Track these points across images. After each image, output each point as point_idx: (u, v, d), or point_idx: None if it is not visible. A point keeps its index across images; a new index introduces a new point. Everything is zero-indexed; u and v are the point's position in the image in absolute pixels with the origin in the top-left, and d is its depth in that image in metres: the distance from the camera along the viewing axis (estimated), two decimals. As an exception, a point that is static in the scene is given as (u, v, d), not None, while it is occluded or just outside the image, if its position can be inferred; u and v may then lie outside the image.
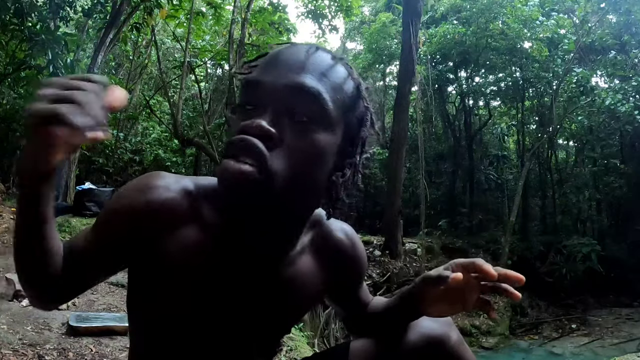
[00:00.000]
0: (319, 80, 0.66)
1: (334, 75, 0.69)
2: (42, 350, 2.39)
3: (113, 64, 12.69)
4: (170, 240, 0.70)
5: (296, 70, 0.66)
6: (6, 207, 6.56)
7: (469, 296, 0.77)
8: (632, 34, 10.58)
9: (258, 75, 0.68)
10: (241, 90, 0.71)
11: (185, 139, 10.88)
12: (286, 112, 0.64)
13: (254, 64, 0.73)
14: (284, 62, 0.67)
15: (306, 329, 4.62)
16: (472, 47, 12.14)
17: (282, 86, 0.65)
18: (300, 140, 0.64)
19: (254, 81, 0.67)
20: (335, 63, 0.70)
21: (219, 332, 0.75)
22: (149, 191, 0.71)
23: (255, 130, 0.62)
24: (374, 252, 9.11)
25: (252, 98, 0.67)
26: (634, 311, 9.65)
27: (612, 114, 10.57)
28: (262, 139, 0.62)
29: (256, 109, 0.65)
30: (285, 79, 0.65)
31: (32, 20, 6.84)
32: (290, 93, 0.65)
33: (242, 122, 0.64)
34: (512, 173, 14.31)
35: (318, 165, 0.68)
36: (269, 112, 0.64)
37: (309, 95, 0.65)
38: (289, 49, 0.70)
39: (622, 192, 11.88)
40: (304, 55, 0.68)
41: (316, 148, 0.66)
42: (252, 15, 10.70)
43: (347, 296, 0.93)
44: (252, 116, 0.64)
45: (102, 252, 0.72)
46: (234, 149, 0.63)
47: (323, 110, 0.66)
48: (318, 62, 0.68)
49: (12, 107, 8.90)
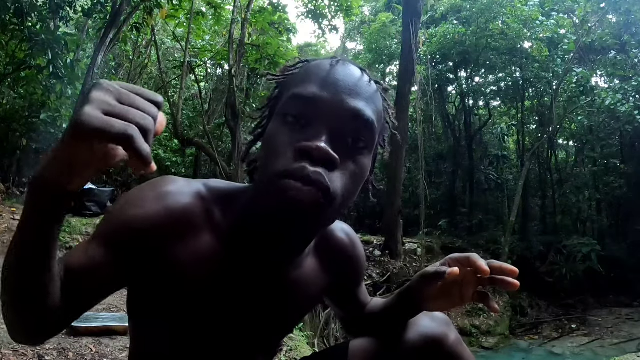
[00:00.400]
0: (373, 109, 0.68)
1: (378, 103, 0.71)
2: (42, 350, 2.39)
3: (113, 64, 12.69)
4: (182, 247, 0.68)
5: (355, 95, 0.66)
6: (6, 207, 6.56)
7: (466, 290, 0.79)
8: (632, 34, 10.58)
9: (315, 90, 0.66)
10: (285, 97, 0.69)
11: (185, 139, 10.88)
12: (343, 135, 0.65)
13: (293, 71, 0.74)
14: (342, 83, 0.67)
15: (306, 329, 4.62)
16: (472, 47, 12.14)
17: (344, 109, 0.65)
18: (354, 165, 0.66)
19: (310, 96, 0.66)
20: (377, 90, 0.72)
21: (224, 334, 0.75)
22: (165, 199, 0.68)
23: (321, 155, 0.62)
24: (374, 252, 9.11)
25: (306, 113, 0.65)
26: (634, 311, 9.65)
27: (612, 114, 10.57)
28: (325, 163, 0.62)
29: (310, 125, 0.65)
30: (347, 102, 0.65)
31: (32, 20, 6.84)
32: (350, 118, 0.65)
33: (304, 143, 0.62)
34: (512, 173, 14.31)
35: (361, 184, 0.71)
36: (325, 132, 0.64)
37: (367, 123, 0.67)
38: (342, 67, 0.69)
39: (622, 192, 11.87)
40: (358, 79, 0.68)
41: (364, 171, 0.69)
42: (252, 15, 10.70)
43: (346, 296, 0.94)
44: (306, 133, 0.64)
45: (110, 267, 0.65)
46: (297, 172, 0.61)
47: (373, 138, 0.69)
48: (368, 88, 0.69)
49: (12, 107, 8.90)
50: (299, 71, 0.72)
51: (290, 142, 0.64)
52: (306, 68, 0.72)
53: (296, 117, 0.66)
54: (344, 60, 0.71)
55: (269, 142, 0.67)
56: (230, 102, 9.75)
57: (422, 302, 0.84)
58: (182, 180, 0.72)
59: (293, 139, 0.64)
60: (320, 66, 0.70)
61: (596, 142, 12.70)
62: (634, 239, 10.87)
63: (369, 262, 8.62)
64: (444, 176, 14.94)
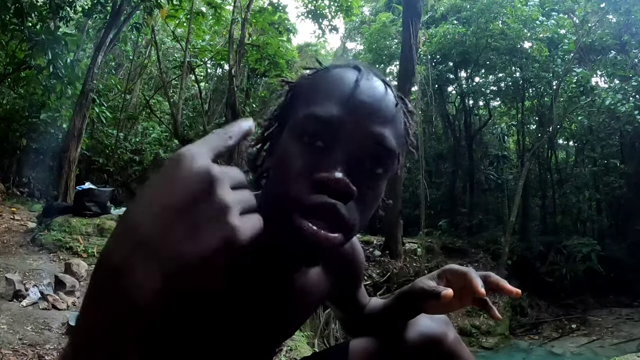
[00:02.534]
0: (395, 133, 0.64)
1: (400, 124, 0.67)
2: (42, 350, 2.39)
3: (113, 64, 12.69)
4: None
5: (379, 119, 0.62)
6: (6, 207, 6.56)
7: (465, 298, 0.79)
8: (632, 34, 10.58)
9: (337, 112, 0.61)
10: (301, 113, 0.63)
11: (185, 139, 10.88)
12: (362, 161, 0.61)
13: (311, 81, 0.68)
14: (366, 104, 0.62)
15: (306, 329, 4.62)
16: (472, 47, 12.14)
17: (366, 136, 0.61)
18: (372, 191, 0.64)
19: (330, 118, 0.61)
20: (400, 107, 0.67)
21: (229, 341, 0.74)
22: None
23: (340, 188, 0.58)
24: (374, 252, 9.10)
25: (325, 135, 0.61)
26: (634, 311, 9.65)
27: (612, 114, 10.57)
28: (343, 196, 0.59)
29: (329, 149, 0.60)
30: (370, 128, 0.61)
31: (32, 20, 6.85)
32: (372, 144, 0.61)
33: (322, 175, 0.58)
34: (512, 173, 14.31)
35: (375, 209, 0.68)
36: (344, 160, 0.60)
37: (389, 151, 0.63)
38: (365, 83, 0.63)
39: (622, 192, 11.88)
40: (383, 98, 0.63)
41: (379, 196, 0.67)
42: (252, 15, 10.71)
43: (346, 298, 0.94)
44: (323, 159, 0.60)
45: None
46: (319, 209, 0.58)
47: (393, 163, 0.65)
48: (392, 108, 0.64)
49: (12, 107, 8.90)
50: (318, 81, 0.66)
51: (306, 167, 0.60)
52: (325, 79, 0.66)
53: (313, 137, 0.61)
54: (368, 72, 0.65)
55: (283, 162, 0.63)
56: (230, 102, 9.76)
57: (420, 305, 0.84)
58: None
59: (310, 165, 0.60)
60: (342, 80, 0.64)
61: (596, 142, 12.70)
62: (634, 239, 10.87)
63: (369, 262, 8.61)
64: (444, 176, 14.94)
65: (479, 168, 14.09)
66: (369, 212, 0.65)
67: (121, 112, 11.75)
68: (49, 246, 4.86)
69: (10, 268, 3.97)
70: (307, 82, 0.68)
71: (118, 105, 11.78)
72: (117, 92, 11.74)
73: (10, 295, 3.18)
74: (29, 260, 4.49)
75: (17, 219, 5.84)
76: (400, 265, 8.88)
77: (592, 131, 12.71)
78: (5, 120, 8.79)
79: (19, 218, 5.91)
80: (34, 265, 4.28)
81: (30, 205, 7.25)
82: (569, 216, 12.78)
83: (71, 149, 7.33)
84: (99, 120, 9.34)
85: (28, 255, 4.64)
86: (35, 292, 3.30)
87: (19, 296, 3.21)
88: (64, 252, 4.79)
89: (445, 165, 14.87)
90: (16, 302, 3.13)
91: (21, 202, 7.53)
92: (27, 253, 4.71)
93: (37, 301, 3.20)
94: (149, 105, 12.36)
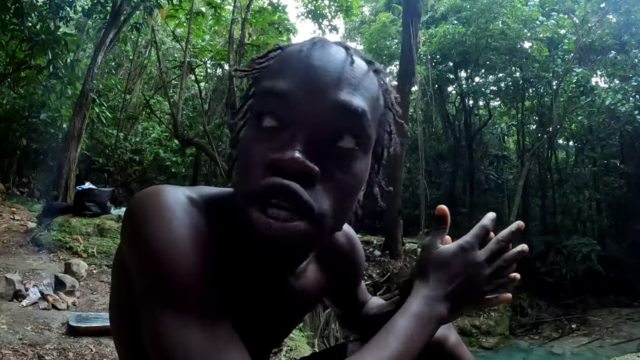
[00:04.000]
0: (363, 96, 0.56)
1: (371, 88, 0.58)
2: (42, 350, 2.39)
3: (113, 64, 12.70)
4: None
5: (338, 84, 0.54)
6: (6, 207, 6.56)
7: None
8: (632, 34, 10.58)
9: (287, 84, 0.54)
10: (257, 95, 0.58)
11: (185, 139, 10.89)
12: (325, 137, 0.54)
13: (264, 63, 0.61)
14: (320, 71, 0.54)
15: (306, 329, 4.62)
16: (472, 47, 12.14)
17: (323, 104, 0.53)
18: (343, 172, 0.55)
19: (281, 91, 0.54)
20: (369, 69, 0.59)
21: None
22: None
23: (294, 168, 0.51)
24: (374, 252, 9.11)
25: (279, 112, 0.54)
26: (634, 311, 9.65)
27: (612, 114, 10.57)
28: (302, 178, 0.52)
29: (284, 127, 0.54)
30: (328, 95, 0.53)
31: (32, 20, 6.84)
32: (333, 114, 0.54)
33: (272, 154, 0.52)
34: (512, 173, 14.32)
35: (357, 193, 0.60)
36: (302, 135, 0.52)
37: (356, 117, 0.54)
38: (319, 50, 0.57)
39: (622, 192, 11.88)
40: (342, 62, 0.56)
41: (358, 177, 0.58)
42: (252, 15, 10.70)
43: (345, 296, 0.93)
44: (278, 138, 0.53)
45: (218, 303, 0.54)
46: (270, 195, 0.52)
47: (366, 133, 0.56)
48: (355, 72, 0.56)
49: (12, 107, 8.90)
50: (273, 62, 0.60)
51: (261, 152, 0.54)
52: (280, 57, 0.60)
53: (265, 117, 0.55)
54: (323, 41, 0.59)
55: (241, 152, 0.57)
56: (230, 102, 9.76)
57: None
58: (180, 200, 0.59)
59: (265, 149, 0.54)
60: (294, 53, 0.57)
61: (596, 142, 12.70)
62: (634, 239, 10.87)
63: (369, 262, 8.61)
64: (444, 176, 14.94)
65: (479, 168, 14.10)
66: (347, 196, 0.57)
67: (121, 112, 11.75)
68: (49, 246, 4.86)
69: (10, 268, 3.97)
70: (263, 64, 0.61)
71: (118, 105, 11.78)
72: (117, 92, 11.73)
73: (10, 295, 3.18)
74: (29, 260, 4.49)
75: (17, 219, 5.84)
76: (400, 265, 8.87)
77: (592, 131, 12.71)
78: (5, 120, 8.79)
79: (19, 218, 5.91)
80: (34, 265, 4.28)
81: (30, 205, 7.25)
82: (569, 216, 12.79)
83: (71, 149, 7.33)
84: (99, 120, 9.34)
85: (28, 255, 4.64)
86: (35, 292, 3.30)
87: (19, 296, 3.21)
88: (64, 252, 4.79)
89: (445, 165, 14.87)
90: (16, 302, 3.13)
91: (21, 202, 7.53)
92: (27, 253, 4.71)
93: (37, 301, 3.20)
94: (149, 105, 12.36)
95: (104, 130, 11.13)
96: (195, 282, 0.51)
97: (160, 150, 12.32)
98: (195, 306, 0.51)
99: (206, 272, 0.53)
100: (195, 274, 0.52)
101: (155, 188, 0.59)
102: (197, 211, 0.58)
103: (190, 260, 0.52)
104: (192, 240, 0.53)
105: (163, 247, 0.52)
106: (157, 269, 0.51)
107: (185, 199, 0.58)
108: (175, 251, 0.52)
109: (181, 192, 0.59)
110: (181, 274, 0.51)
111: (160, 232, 0.53)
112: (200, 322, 0.51)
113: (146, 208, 0.56)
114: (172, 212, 0.55)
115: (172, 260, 0.51)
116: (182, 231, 0.54)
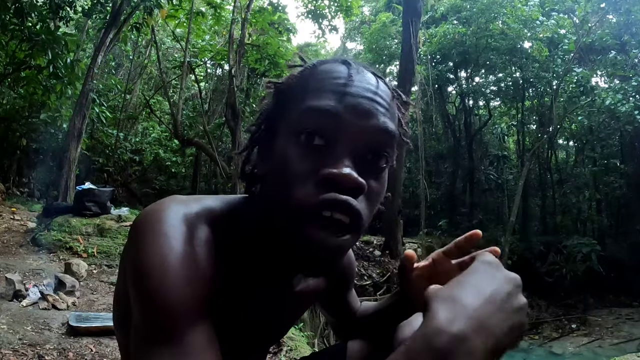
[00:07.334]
0: (392, 119, 0.63)
1: (395, 111, 0.66)
2: (42, 350, 2.39)
3: (113, 64, 12.69)
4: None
5: (376, 109, 0.60)
6: (6, 207, 6.55)
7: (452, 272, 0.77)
8: (632, 34, 10.58)
9: (333, 104, 0.59)
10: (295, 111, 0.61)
11: (185, 138, 10.89)
12: (365, 153, 0.60)
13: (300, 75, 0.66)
14: (362, 95, 0.60)
15: (306, 329, 4.62)
16: (472, 47, 12.15)
17: (367, 126, 0.59)
18: (377, 184, 0.62)
19: (328, 110, 0.58)
20: (393, 95, 0.66)
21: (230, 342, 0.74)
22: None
23: (350, 183, 0.56)
24: (374, 252, 9.11)
25: (325, 130, 0.58)
26: (634, 311, 9.65)
27: (612, 114, 10.57)
28: (353, 191, 0.57)
29: (333, 145, 0.58)
30: (373, 120, 0.60)
31: (32, 20, 6.84)
32: (374, 135, 0.60)
33: (326, 170, 0.56)
34: (512, 173, 14.31)
35: (380, 201, 0.66)
36: (349, 153, 0.58)
37: (390, 138, 0.61)
38: (359, 76, 0.62)
39: (622, 192, 11.88)
40: (376, 88, 0.62)
41: (384, 187, 0.65)
42: (252, 15, 10.71)
43: (337, 301, 0.95)
44: (328, 154, 0.58)
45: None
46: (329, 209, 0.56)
47: (392, 151, 0.63)
48: (386, 97, 0.63)
49: (12, 107, 8.90)
50: (308, 77, 0.64)
51: (310, 167, 0.58)
52: (316, 74, 0.63)
53: (312, 134, 0.59)
54: (358, 65, 0.64)
55: (282, 165, 0.60)
56: (230, 102, 9.76)
57: (415, 301, 0.81)
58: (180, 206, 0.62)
59: (313, 164, 0.58)
60: (334, 73, 0.62)
61: (596, 142, 12.71)
62: (634, 239, 10.88)
63: (369, 262, 8.61)
64: (444, 176, 14.94)
65: (479, 168, 14.10)
66: (375, 206, 0.63)
67: (121, 112, 11.75)
68: (49, 246, 4.86)
69: (10, 268, 3.97)
70: (296, 80, 0.65)
71: (118, 105, 11.78)
72: (117, 92, 11.73)
73: (10, 295, 3.18)
74: (29, 260, 4.49)
75: (17, 219, 5.83)
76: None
77: (592, 131, 12.72)
78: (5, 120, 8.79)
79: (19, 218, 5.91)
80: (34, 265, 4.27)
81: (30, 205, 7.25)
82: (569, 216, 12.79)
83: (71, 149, 7.33)
84: (99, 120, 9.34)
85: (28, 255, 4.64)
86: (35, 292, 3.30)
87: (19, 296, 3.21)
88: (64, 252, 4.79)
89: (445, 165, 14.88)
90: (16, 302, 3.13)
91: (21, 202, 7.52)
92: (27, 253, 4.71)
93: (37, 301, 3.20)
94: (149, 105, 12.36)
95: (104, 130, 11.13)
96: (182, 313, 0.52)
97: (160, 150, 12.32)
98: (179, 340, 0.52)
99: (198, 296, 0.54)
100: (184, 303, 0.53)
101: (159, 206, 0.61)
102: (199, 226, 0.60)
103: (180, 291, 0.53)
104: (186, 262, 0.55)
105: (154, 274, 0.53)
106: (147, 300, 0.53)
107: (188, 215, 0.60)
108: (166, 278, 0.53)
109: (184, 208, 0.61)
110: (167, 308, 0.52)
111: (153, 257, 0.54)
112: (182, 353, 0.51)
113: (144, 230, 0.58)
114: (169, 235, 0.57)
115: (161, 290, 0.53)
116: (176, 253, 0.55)
